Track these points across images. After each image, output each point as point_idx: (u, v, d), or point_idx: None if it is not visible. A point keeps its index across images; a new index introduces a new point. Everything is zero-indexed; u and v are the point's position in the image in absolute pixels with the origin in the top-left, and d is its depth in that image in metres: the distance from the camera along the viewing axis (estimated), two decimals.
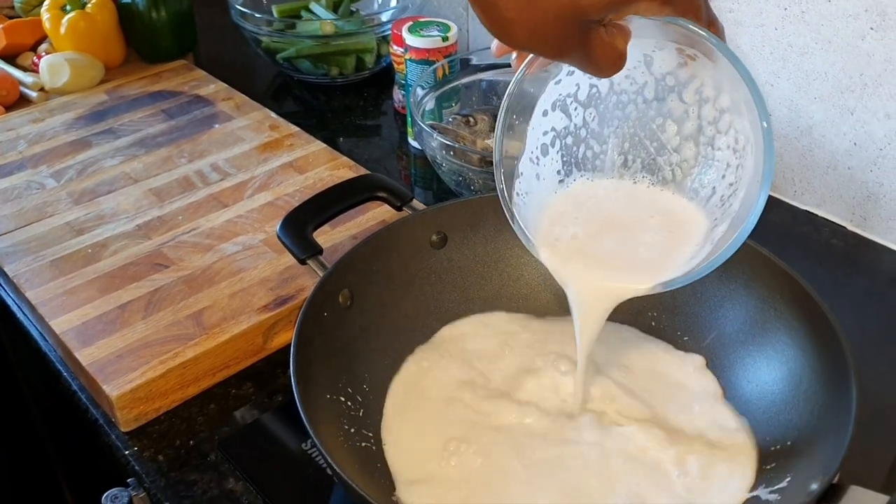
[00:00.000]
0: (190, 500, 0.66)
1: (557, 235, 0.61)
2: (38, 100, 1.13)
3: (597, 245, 0.61)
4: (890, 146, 0.85)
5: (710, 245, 0.57)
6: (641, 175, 0.62)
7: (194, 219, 0.89)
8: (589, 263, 0.60)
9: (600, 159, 0.62)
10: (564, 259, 0.61)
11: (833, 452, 0.54)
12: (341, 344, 0.68)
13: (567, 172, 0.62)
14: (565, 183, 0.62)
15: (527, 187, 0.61)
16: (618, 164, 0.62)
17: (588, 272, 0.61)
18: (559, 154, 0.61)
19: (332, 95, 1.22)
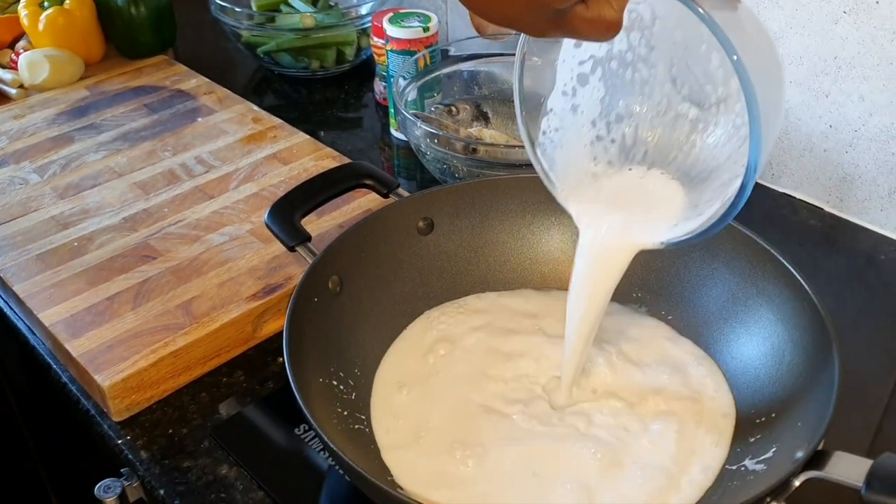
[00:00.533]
0: (184, 487, 0.66)
1: (589, 170, 0.60)
2: (17, 97, 1.12)
3: (622, 187, 0.60)
4: (864, 128, 0.87)
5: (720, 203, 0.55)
6: (688, 104, 0.59)
7: (180, 211, 0.89)
8: (611, 208, 0.60)
9: (649, 84, 0.59)
10: (587, 202, 0.60)
11: (817, 421, 0.56)
12: (332, 329, 0.69)
13: (612, 99, 0.60)
14: (608, 112, 0.60)
15: (558, 123, 0.60)
16: (667, 89, 0.59)
17: (609, 217, 0.60)
18: (602, 81, 0.59)
19: (313, 89, 1.23)
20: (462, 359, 0.72)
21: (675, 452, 0.63)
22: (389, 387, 0.70)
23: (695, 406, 0.67)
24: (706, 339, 0.72)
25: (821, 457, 0.53)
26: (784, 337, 0.66)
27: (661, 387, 0.68)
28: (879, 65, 0.83)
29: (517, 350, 0.72)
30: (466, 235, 0.79)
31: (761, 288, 0.69)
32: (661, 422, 0.65)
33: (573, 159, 0.61)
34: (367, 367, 0.71)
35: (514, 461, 0.63)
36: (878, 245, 0.89)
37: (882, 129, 0.86)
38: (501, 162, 0.86)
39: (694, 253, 0.74)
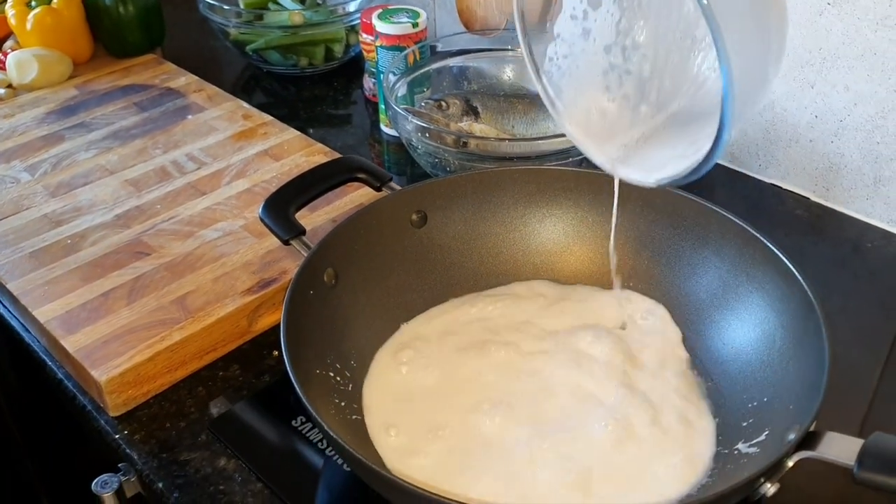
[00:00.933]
0: (183, 480, 0.67)
1: (601, 106, 0.60)
2: (5, 96, 1.12)
3: (631, 125, 0.60)
4: (849, 117, 0.88)
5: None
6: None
7: (173, 207, 0.89)
8: (614, 142, 0.60)
9: (668, 5, 0.57)
10: (591, 133, 0.60)
11: (808, 404, 0.57)
12: (328, 321, 0.70)
13: (629, 23, 0.58)
14: (623, 38, 0.59)
15: (567, 49, 0.59)
16: (685, 10, 0.57)
17: (608, 148, 0.60)
18: (616, 4, 0.58)
19: (302, 86, 1.23)
20: (455, 350, 0.73)
21: (664, 442, 0.64)
22: (385, 378, 0.70)
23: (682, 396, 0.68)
24: (698, 326, 0.73)
25: (813, 437, 0.54)
26: (774, 323, 0.67)
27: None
28: (864, 55, 0.84)
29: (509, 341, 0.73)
30: (460, 228, 0.79)
31: (751, 275, 0.70)
32: (649, 411, 0.66)
33: (584, 88, 0.60)
34: (363, 360, 0.71)
35: (519, 444, 0.64)
36: (864, 233, 0.90)
37: (867, 118, 0.87)
38: (492, 155, 0.87)
39: (684, 242, 0.75)
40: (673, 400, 0.67)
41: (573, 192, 0.79)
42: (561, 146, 0.87)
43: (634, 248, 0.78)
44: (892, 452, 0.50)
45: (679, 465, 0.62)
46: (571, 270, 0.80)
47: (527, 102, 0.98)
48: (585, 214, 0.80)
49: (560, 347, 0.71)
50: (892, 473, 0.49)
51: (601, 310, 0.76)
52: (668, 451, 0.63)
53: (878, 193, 0.89)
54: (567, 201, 0.80)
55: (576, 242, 0.80)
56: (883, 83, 0.84)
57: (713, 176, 1.00)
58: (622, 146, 0.62)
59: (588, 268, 0.80)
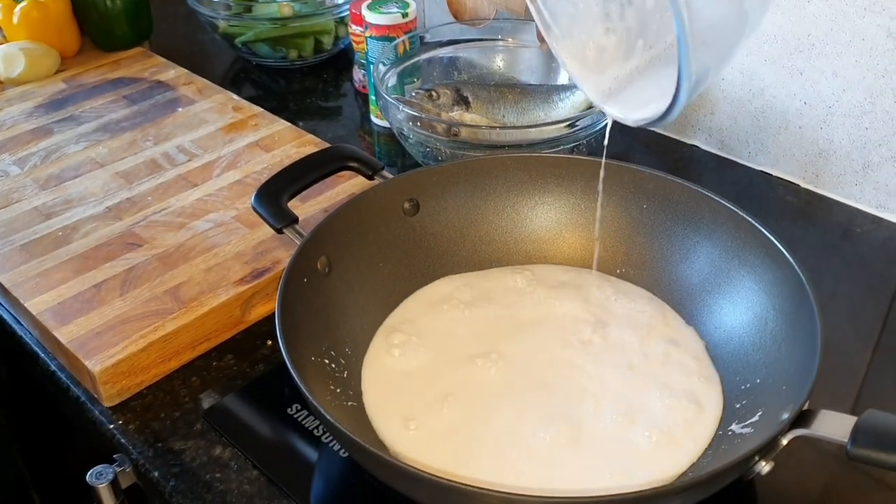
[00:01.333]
0: (179, 468, 0.66)
1: (599, 39, 0.60)
2: None
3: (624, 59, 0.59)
4: (838, 103, 0.89)
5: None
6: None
7: (164, 199, 0.89)
8: (601, 68, 0.59)
9: None
10: (588, 65, 0.60)
11: (801, 383, 0.57)
12: (322, 309, 0.70)
13: None
14: None
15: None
16: None
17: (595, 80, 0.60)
18: None
19: (292, 78, 1.23)
20: (451, 332, 0.73)
21: (661, 423, 0.64)
22: (380, 364, 0.70)
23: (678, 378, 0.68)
24: (690, 310, 0.73)
25: (807, 416, 0.54)
26: (766, 305, 0.67)
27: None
28: (852, 41, 0.85)
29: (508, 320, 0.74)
30: (452, 216, 0.80)
31: (743, 258, 0.70)
32: (645, 393, 0.66)
33: (582, 15, 0.59)
34: (357, 347, 0.71)
35: (513, 420, 0.65)
36: (854, 219, 0.91)
37: (855, 104, 0.87)
38: (484, 144, 0.87)
39: (676, 227, 0.76)
40: (670, 380, 0.67)
41: (565, 179, 0.80)
42: (552, 134, 0.87)
43: (627, 235, 0.78)
44: (886, 429, 0.51)
45: (675, 446, 0.62)
46: (564, 257, 0.80)
47: (517, 92, 0.98)
48: (578, 201, 0.80)
49: (554, 327, 0.72)
50: (886, 449, 0.50)
51: (595, 292, 0.76)
52: (666, 431, 0.64)
53: (867, 179, 0.90)
54: (559, 188, 0.80)
55: (568, 229, 0.81)
56: (871, 69, 0.85)
57: (703, 163, 1.01)
58: (614, 79, 0.61)
59: (581, 255, 0.80)
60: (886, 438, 0.50)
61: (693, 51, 0.48)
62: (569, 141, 0.88)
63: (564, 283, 0.78)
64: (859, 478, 0.64)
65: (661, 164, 1.00)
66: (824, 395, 0.59)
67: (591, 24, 0.60)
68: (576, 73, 0.64)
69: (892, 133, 0.86)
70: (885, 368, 0.74)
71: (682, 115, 1.02)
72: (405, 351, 0.71)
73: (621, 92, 0.61)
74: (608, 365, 0.69)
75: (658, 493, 0.51)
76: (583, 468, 0.61)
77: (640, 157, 1.02)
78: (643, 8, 0.60)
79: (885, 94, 0.85)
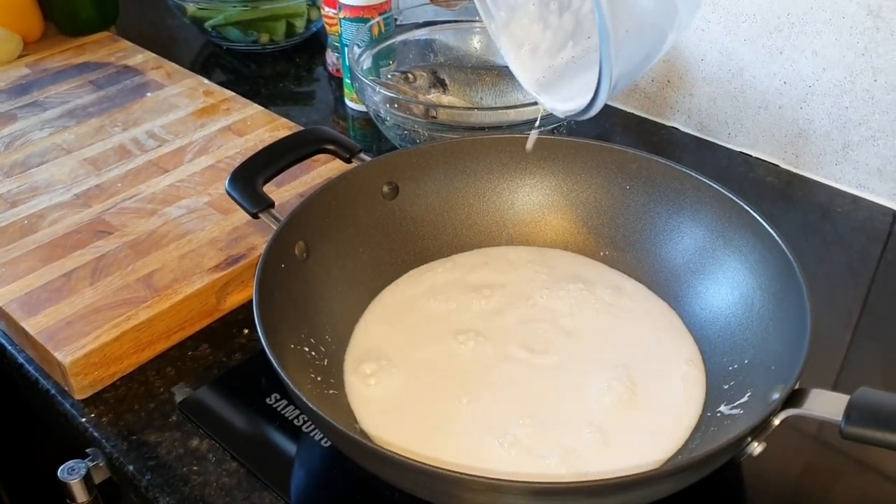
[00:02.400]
0: (155, 461, 0.64)
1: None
2: None
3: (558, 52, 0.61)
4: (818, 83, 0.88)
5: None
6: None
7: (135, 185, 0.87)
8: (539, 58, 0.62)
9: None
10: (526, 55, 0.62)
11: (791, 362, 0.56)
12: (301, 295, 0.68)
13: None
14: None
15: None
16: None
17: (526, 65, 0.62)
18: None
19: (263, 63, 1.21)
20: (433, 318, 0.72)
21: (647, 407, 0.63)
22: (361, 351, 0.69)
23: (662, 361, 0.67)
24: (675, 292, 0.72)
25: (798, 395, 0.53)
26: (753, 285, 0.67)
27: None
28: (832, 19, 0.84)
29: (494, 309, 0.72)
30: (432, 199, 0.78)
31: (728, 238, 0.70)
32: (629, 376, 0.65)
33: (519, 12, 0.62)
34: (338, 332, 0.70)
35: (496, 405, 0.64)
36: (834, 199, 0.91)
37: (835, 83, 0.87)
38: (462, 125, 0.86)
39: (660, 208, 0.75)
40: (658, 363, 0.67)
41: (546, 160, 0.78)
42: (532, 115, 0.86)
43: (610, 216, 0.77)
44: (879, 406, 0.50)
45: (663, 429, 0.61)
46: (546, 240, 0.79)
47: (495, 74, 0.97)
48: (559, 183, 0.79)
49: (534, 311, 0.72)
50: (880, 427, 0.49)
51: (580, 273, 0.75)
52: (653, 414, 0.63)
53: (847, 158, 0.90)
54: (540, 170, 0.79)
55: (550, 211, 0.79)
56: (851, 47, 0.84)
57: (683, 145, 1.00)
58: (546, 71, 0.62)
59: (563, 237, 0.79)
60: (880, 416, 0.49)
61: (615, 54, 0.50)
62: (548, 122, 0.87)
63: (546, 266, 0.76)
64: (840, 459, 0.64)
65: (640, 146, 0.98)
66: (806, 375, 0.58)
67: (528, 21, 0.63)
68: (512, 62, 0.67)
69: (871, 112, 0.86)
70: (866, 348, 0.74)
71: (661, 96, 1.02)
72: (388, 335, 0.69)
73: (552, 84, 0.63)
74: (587, 349, 0.68)
75: (650, 476, 0.50)
76: (568, 453, 0.60)
77: (620, 139, 1.01)
78: (579, 11, 0.62)
79: (865, 73, 0.85)
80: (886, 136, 0.86)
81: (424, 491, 0.54)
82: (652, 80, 1.01)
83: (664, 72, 1.00)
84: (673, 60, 0.98)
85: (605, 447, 0.60)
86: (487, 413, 0.63)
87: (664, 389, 0.65)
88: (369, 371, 0.67)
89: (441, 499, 0.54)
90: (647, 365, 0.67)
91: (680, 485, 0.53)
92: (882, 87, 0.84)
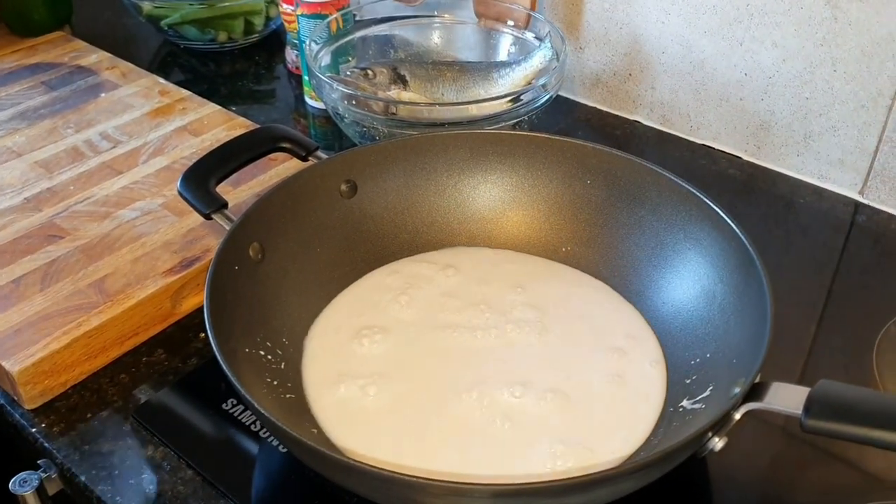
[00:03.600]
0: (108, 471, 0.63)
1: None
2: None
3: None
4: (778, 74, 0.88)
5: None
6: None
7: (87, 188, 0.84)
8: None
9: None
10: None
11: (752, 356, 0.56)
12: (256, 298, 0.66)
13: None
14: None
15: None
16: None
17: None
18: None
19: (222, 62, 1.18)
20: (397, 320, 0.70)
21: (609, 405, 0.63)
22: (320, 354, 0.67)
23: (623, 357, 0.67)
24: (637, 286, 0.72)
25: (759, 389, 0.53)
26: (714, 278, 0.66)
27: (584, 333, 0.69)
28: (790, 10, 0.84)
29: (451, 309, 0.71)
30: (392, 197, 0.77)
31: (688, 231, 0.69)
32: (591, 374, 0.65)
33: None
34: (295, 335, 0.68)
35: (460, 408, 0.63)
36: (796, 190, 0.91)
37: (795, 74, 0.87)
38: (423, 122, 0.85)
39: (620, 203, 0.74)
40: (618, 360, 0.66)
41: (507, 156, 0.77)
42: (493, 111, 0.85)
43: (571, 212, 0.76)
44: (839, 399, 0.50)
45: (624, 426, 0.61)
46: (508, 237, 0.78)
47: (456, 70, 0.96)
48: (521, 179, 0.78)
49: (492, 310, 0.71)
50: (840, 419, 0.49)
51: (542, 275, 0.74)
52: (614, 410, 0.62)
53: (809, 149, 0.90)
54: (501, 165, 0.78)
55: (511, 208, 0.78)
56: (810, 37, 0.84)
57: (645, 139, 1.00)
58: None
59: (525, 234, 0.78)
60: (841, 408, 0.49)
61: None
62: (510, 117, 0.86)
63: (505, 268, 0.75)
64: (808, 450, 0.64)
65: (602, 140, 0.98)
66: (770, 368, 0.58)
67: None
68: None
69: (831, 102, 0.86)
70: (831, 340, 0.74)
71: (623, 89, 1.01)
72: (348, 340, 0.68)
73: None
74: (548, 348, 0.67)
75: (608, 475, 0.49)
76: (529, 453, 0.59)
77: (583, 134, 1.01)
78: None
79: (825, 64, 0.85)
80: (847, 127, 0.86)
81: (383, 496, 0.52)
82: (614, 73, 1.01)
83: (626, 65, 0.99)
84: (634, 53, 0.98)
85: (565, 446, 0.59)
86: (449, 416, 0.62)
87: (625, 386, 0.64)
88: (329, 375, 0.65)
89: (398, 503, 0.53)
90: (607, 362, 0.66)
91: (641, 482, 0.52)
92: (841, 78, 0.84)
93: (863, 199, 0.88)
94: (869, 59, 0.82)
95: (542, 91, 0.87)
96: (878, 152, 0.85)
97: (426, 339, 0.68)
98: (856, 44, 0.82)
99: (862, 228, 0.86)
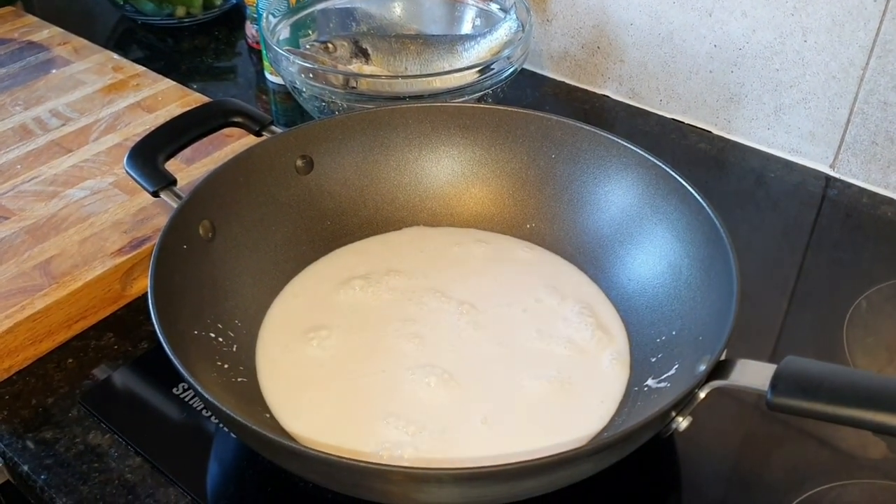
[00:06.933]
0: (52, 460, 0.60)
1: None
2: None
3: None
4: (748, 45, 0.86)
5: None
6: None
7: (35, 167, 0.81)
8: None
9: None
10: None
11: (717, 333, 0.54)
12: (206, 278, 0.64)
13: None
14: None
15: None
16: None
17: None
18: None
19: (181, 38, 1.15)
20: (355, 303, 0.68)
21: (570, 385, 0.61)
22: (275, 335, 0.65)
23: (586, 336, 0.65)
24: (602, 263, 0.70)
25: (725, 366, 0.51)
26: (680, 253, 0.64)
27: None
28: None
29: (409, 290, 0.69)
30: (350, 173, 0.74)
31: (655, 206, 0.67)
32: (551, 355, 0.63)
33: None
34: (249, 318, 0.66)
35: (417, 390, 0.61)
36: (767, 164, 0.89)
37: (765, 45, 0.85)
38: (384, 96, 0.82)
39: (586, 177, 0.72)
40: (580, 339, 0.64)
41: (470, 129, 0.75)
42: (456, 83, 0.82)
43: (536, 187, 0.74)
44: (806, 375, 0.48)
45: (586, 405, 0.59)
46: (470, 214, 0.76)
47: (420, 43, 0.93)
48: (484, 153, 0.75)
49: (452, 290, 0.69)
50: (806, 397, 0.47)
51: (508, 252, 0.72)
52: (577, 391, 0.60)
53: (780, 122, 0.88)
54: (464, 139, 0.75)
55: (474, 184, 0.76)
56: (780, 7, 0.82)
57: (614, 113, 0.97)
58: None
59: (488, 210, 0.76)
60: (807, 385, 0.47)
61: None
62: (474, 90, 0.83)
63: (466, 247, 0.73)
64: (779, 428, 0.62)
65: (572, 115, 0.95)
66: (742, 345, 0.56)
67: None
68: None
69: (802, 74, 0.84)
70: (802, 316, 0.72)
71: (591, 63, 0.99)
72: (303, 324, 0.65)
73: None
74: (508, 328, 0.65)
75: (569, 456, 0.47)
76: (491, 435, 0.57)
77: (550, 108, 0.98)
78: None
79: (795, 34, 0.83)
80: (818, 99, 0.84)
81: (332, 482, 0.50)
82: (582, 46, 0.98)
83: (594, 37, 0.97)
84: (602, 25, 0.95)
85: (528, 426, 0.57)
86: (405, 399, 0.59)
87: (588, 365, 0.62)
88: (282, 358, 0.63)
89: (352, 490, 0.51)
90: (569, 342, 0.64)
91: (602, 464, 0.50)
92: (812, 48, 0.82)
93: (834, 172, 0.87)
94: (840, 28, 0.80)
95: (506, 63, 0.84)
96: (850, 124, 0.83)
97: (381, 323, 0.66)
98: (827, 12, 0.80)
99: (833, 202, 0.84)
